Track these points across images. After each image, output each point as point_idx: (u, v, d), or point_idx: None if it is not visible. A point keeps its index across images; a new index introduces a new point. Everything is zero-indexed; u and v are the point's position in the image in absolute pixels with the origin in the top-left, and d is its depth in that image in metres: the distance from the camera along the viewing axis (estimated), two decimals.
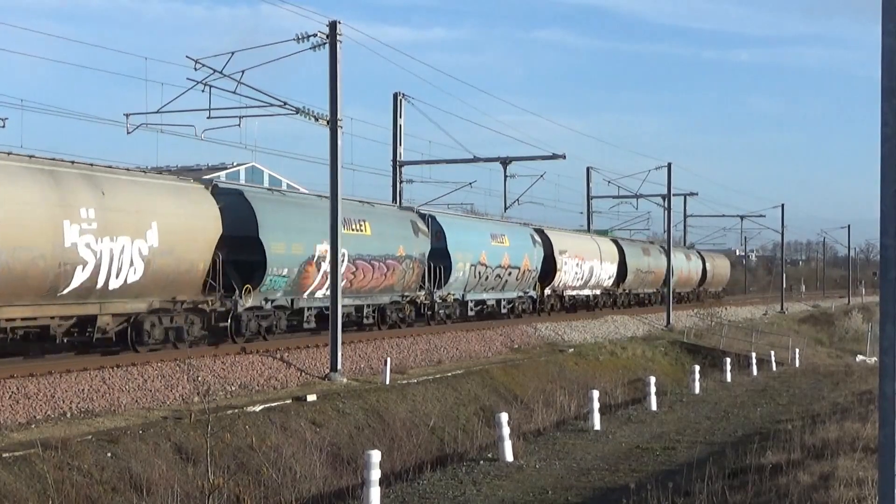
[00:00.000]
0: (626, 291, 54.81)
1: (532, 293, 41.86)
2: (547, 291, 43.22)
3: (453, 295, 34.64)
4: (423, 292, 32.47)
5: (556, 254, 43.19)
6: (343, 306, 26.89)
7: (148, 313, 21.25)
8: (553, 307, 44.52)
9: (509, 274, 38.56)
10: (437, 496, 14.33)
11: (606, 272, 50.41)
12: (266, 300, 24.80)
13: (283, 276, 24.88)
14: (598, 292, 50.30)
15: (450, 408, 23.43)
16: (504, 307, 39.62)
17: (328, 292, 25.61)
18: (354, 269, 27.53)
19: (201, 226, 22.27)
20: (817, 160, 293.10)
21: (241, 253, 23.97)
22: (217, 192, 23.59)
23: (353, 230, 27.60)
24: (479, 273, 36.04)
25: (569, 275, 45.08)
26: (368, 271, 28.46)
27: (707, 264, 71.88)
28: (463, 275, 34.69)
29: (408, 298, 31.73)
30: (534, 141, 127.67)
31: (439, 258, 33.23)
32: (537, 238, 42.13)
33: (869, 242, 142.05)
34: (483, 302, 37.87)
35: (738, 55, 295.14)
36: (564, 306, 46.00)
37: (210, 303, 22.62)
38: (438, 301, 33.57)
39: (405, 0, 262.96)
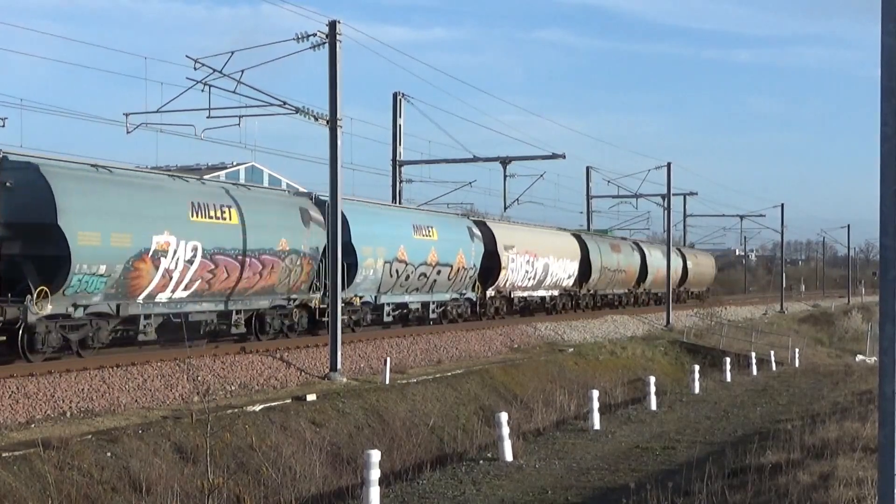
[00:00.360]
0: (591, 292, 49.17)
1: (470, 295, 35.89)
2: (490, 293, 37.35)
3: (361, 297, 29.30)
4: (318, 294, 27.17)
5: (500, 249, 37.34)
6: (198, 312, 23.19)
7: None
8: (498, 311, 38.88)
9: (438, 273, 32.97)
10: (437, 496, 14.34)
11: (565, 270, 44.79)
12: (75, 306, 19.59)
13: (101, 276, 19.74)
14: (555, 293, 44.43)
15: (449, 407, 23.43)
16: (434, 311, 33.75)
17: (179, 295, 21.99)
18: (213, 267, 22.73)
19: None
20: (817, 160, 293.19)
21: (38, 245, 19.23)
22: (3, 167, 19.06)
23: (209, 218, 22.80)
24: (397, 271, 30.72)
25: (517, 273, 39.29)
26: (234, 269, 23.39)
27: (688, 262, 66.08)
28: (374, 273, 29.53)
29: (297, 302, 26.64)
30: (534, 141, 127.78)
31: (344, 254, 27.39)
32: (476, 231, 36.21)
33: (869, 242, 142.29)
34: (404, 305, 32.49)
35: (739, 55, 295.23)
36: (514, 309, 40.79)
37: None
38: (341, 305, 28.99)
39: (405, 0, 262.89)
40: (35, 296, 18.60)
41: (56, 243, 18.95)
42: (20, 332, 18.77)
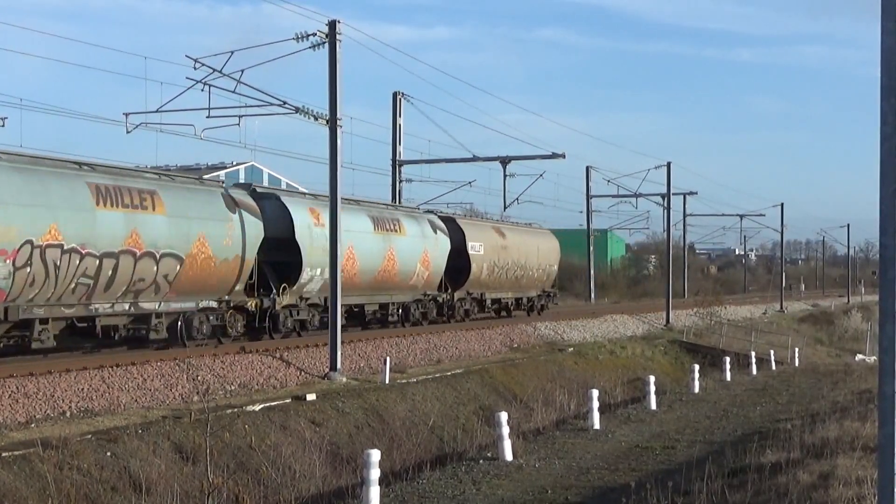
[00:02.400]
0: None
1: None
2: None
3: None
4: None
5: None
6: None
7: None
8: None
9: None
10: (437, 495, 14.33)
11: None
12: None
13: None
14: None
15: (449, 407, 23.44)
16: None
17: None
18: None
19: None
20: (817, 160, 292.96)
21: None
22: None
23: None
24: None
25: None
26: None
27: (469, 246, 35.78)
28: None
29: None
30: (534, 140, 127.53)
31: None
32: None
33: (868, 242, 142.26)
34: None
35: (740, 54, 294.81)
36: None
37: None
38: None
39: None
40: None
41: None
42: None
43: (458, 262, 35.80)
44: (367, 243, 29.71)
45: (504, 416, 17.43)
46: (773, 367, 38.92)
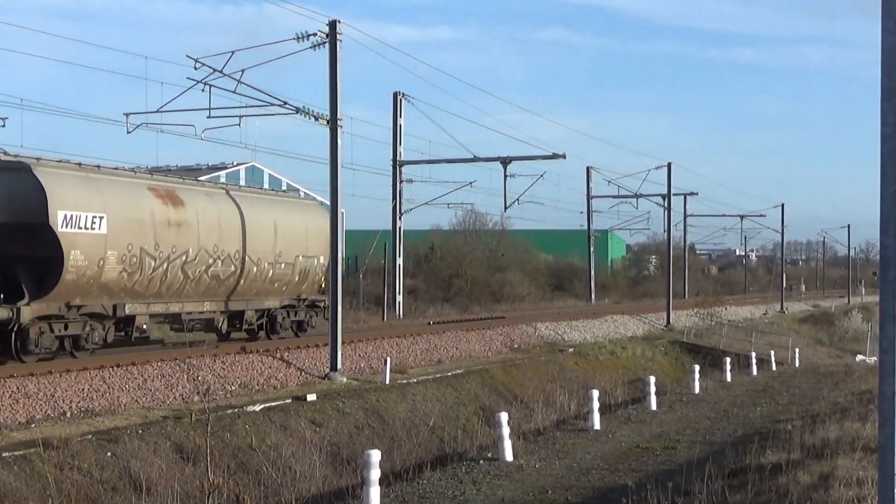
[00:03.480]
0: None
1: None
2: None
3: None
4: None
5: None
6: None
7: None
8: None
9: None
10: (437, 496, 14.33)
11: None
12: None
13: None
14: None
15: (450, 407, 23.44)
16: None
17: None
18: None
19: None
20: (818, 160, 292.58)
21: None
22: None
23: None
24: None
25: None
26: None
27: (62, 219, 18.89)
28: None
29: None
30: (534, 140, 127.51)
31: None
32: None
33: (869, 242, 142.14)
34: None
35: (741, 55, 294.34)
36: None
37: None
38: None
39: None
40: None
41: None
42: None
43: (39, 249, 19.49)
44: None
45: (504, 416, 17.42)
46: (774, 368, 38.90)
